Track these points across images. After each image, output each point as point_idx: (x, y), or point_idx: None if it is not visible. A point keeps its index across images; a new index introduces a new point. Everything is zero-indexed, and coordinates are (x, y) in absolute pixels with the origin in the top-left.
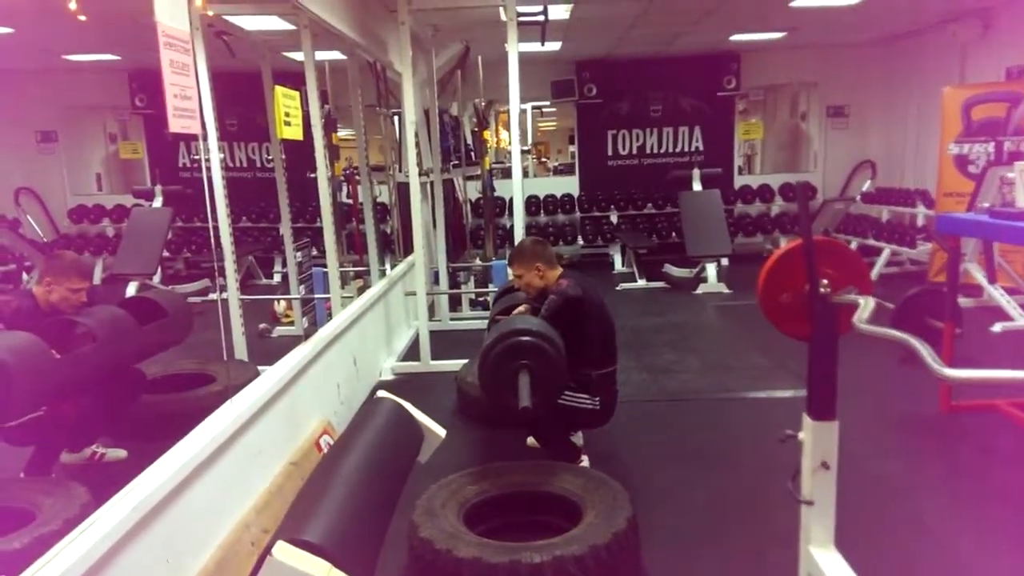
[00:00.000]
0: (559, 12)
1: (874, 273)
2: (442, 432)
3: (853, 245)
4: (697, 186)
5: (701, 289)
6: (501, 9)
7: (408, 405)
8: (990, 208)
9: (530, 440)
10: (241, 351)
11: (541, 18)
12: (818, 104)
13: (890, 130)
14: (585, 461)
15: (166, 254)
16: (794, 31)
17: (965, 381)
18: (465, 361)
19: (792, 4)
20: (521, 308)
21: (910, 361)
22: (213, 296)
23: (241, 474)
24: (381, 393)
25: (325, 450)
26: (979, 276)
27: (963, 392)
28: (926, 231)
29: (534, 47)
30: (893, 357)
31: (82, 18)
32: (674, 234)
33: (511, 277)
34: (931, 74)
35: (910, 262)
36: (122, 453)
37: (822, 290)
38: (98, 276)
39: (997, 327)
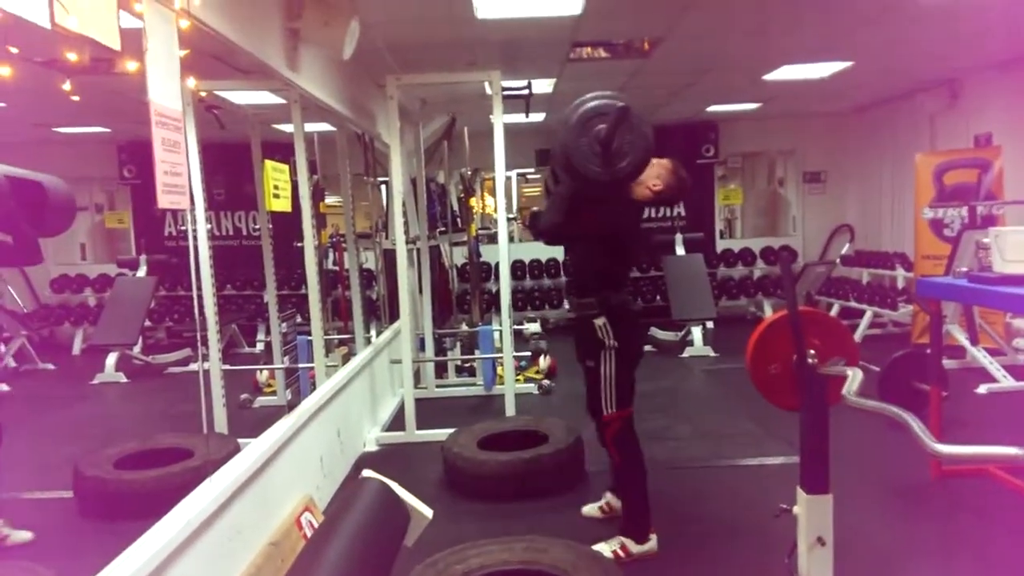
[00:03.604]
0: (543, 86)
1: (857, 335)
2: (429, 513)
3: (835, 308)
4: (680, 250)
5: (687, 352)
6: (487, 84)
7: (394, 485)
8: (968, 272)
9: (586, 509)
10: (221, 423)
11: (526, 92)
12: (795, 170)
13: (866, 195)
14: (653, 540)
15: (148, 323)
16: (769, 102)
17: (957, 457)
18: (451, 430)
19: (764, 78)
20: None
21: (899, 426)
22: (194, 366)
23: (219, 556)
24: (366, 472)
25: (306, 528)
26: (962, 338)
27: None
28: (907, 293)
29: (519, 118)
30: (881, 421)
31: (75, 99)
32: (659, 297)
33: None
34: (903, 141)
35: (892, 324)
36: (26, 535)
37: (809, 361)
38: (77, 346)
39: (982, 389)
